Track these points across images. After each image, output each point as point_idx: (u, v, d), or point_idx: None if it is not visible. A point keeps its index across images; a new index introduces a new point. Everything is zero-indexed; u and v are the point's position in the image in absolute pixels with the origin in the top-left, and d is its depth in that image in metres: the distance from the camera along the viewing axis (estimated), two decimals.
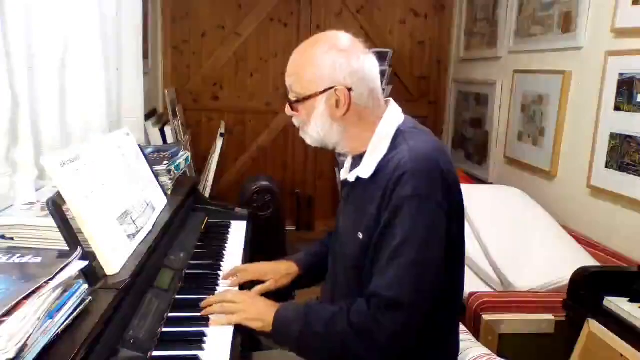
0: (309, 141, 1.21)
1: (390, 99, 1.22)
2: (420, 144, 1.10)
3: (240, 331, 1.16)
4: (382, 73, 1.80)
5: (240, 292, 1.29)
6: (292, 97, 1.18)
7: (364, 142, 1.16)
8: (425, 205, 1.04)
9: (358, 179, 1.17)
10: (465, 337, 1.30)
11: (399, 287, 1.03)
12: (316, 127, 1.16)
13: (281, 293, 1.44)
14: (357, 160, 1.20)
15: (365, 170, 1.14)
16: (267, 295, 1.37)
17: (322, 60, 1.12)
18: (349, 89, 1.12)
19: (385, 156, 1.13)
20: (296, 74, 1.16)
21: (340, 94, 1.12)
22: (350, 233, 1.17)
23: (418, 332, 1.07)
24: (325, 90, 1.13)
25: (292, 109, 1.18)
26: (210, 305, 1.20)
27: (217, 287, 1.35)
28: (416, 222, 1.04)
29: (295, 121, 1.22)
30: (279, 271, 1.41)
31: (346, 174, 1.25)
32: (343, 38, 1.16)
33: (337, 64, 1.12)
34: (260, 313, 1.17)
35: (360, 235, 1.13)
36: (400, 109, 1.21)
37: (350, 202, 1.22)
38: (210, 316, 1.17)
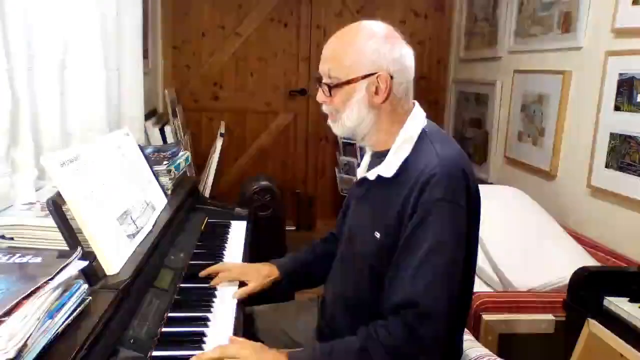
0: (338, 130, 1.19)
1: (415, 101, 1.21)
2: (446, 148, 1.10)
3: (241, 331, 1.16)
4: None
5: (241, 346, 1.06)
6: (329, 82, 1.14)
7: (390, 137, 1.15)
8: (453, 210, 1.03)
9: (378, 177, 1.15)
10: (465, 337, 1.29)
11: (434, 294, 1.00)
12: (352, 114, 1.14)
13: (280, 294, 1.43)
14: (378, 157, 1.19)
15: (388, 169, 1.13)
16: (259, 296, 1.36)
17: (366, 45, 1.11)
18: (391, 77, 1.11)
19: (408, 157, 1.12)
20: (336, 59, 1.13)
21: (382, 81, 1.10)
22: (365, 232, 1.15)
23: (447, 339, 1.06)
24: (367, 76, 1.11)
25: (330, 94, 1.15)
26: None
27: (216, 287, 1.35)
28: (447, 225, 1.02)
29: (326, 109, 1.19)
30: (260, 274, 1.37)
31: (364, 172, 1.23)
32: (385, 27, 1.15)
33: (381, 50, 1.10)
34: None
35: (378, 235, 1.11)
36: (424, 112, 1.20)
37: (367, 200, 1.20)
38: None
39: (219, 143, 3.19)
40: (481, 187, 1.16)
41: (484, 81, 3.24)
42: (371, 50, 1.11)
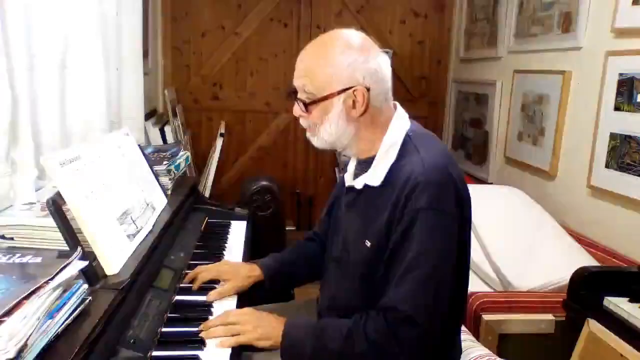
0: (317, 144, 1.17)
1: (397, 102, 1.20)
2: (431, 153, 1.09)
3: None
4: None
5: (241, 311, 1.20)
6: (305, 97, 1.13)
7: (373, 145, 1.14)
8: (439, 217, 1.03)
9: (366, 185, 1.15)
10: (465, 337, 1.30)
11: (414, 301, 1.02)
12: (330, 129, 1.12)
13: (279, 293, 1.43)
14: (363, 165, 1.18)
15: (375, 177, 1.12)
16: (263, 296, 1.36)
17: (340, 59, 1.08)
18: (367, 89, 1.09)
19: (394, 163, 1.11)
20: (310, 74, 1.11)
21: (359, 95, 1.09)
22: (355, 240, 1.15)
23: (434, 344, 1.06)
24: (343, 91, 1.09)
25: (307, 110, 1.13)
26: (211, 328, 1.12)
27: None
28: (431, 234, 1.03)
29: (304, 123, 1.17)
30: (238, 273, 1.35)
31: (351, 180, 1.22)
32: (357, 37, 1.12)
33: (355, 64, 1.08)
34: (267, 331, 1.11)
35: (368, 243, 1.11)
36: (406, 113, 1.19)
37: (356, 208, 1.19)
38: (211, 340, 1.09)
39: (219, 143, 3.20)
40: (481, 187, 1.16)
41: (484, 81, 3.24)
42: (346, 64, 1.08)
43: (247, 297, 1.35)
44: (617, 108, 1.98)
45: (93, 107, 1.81)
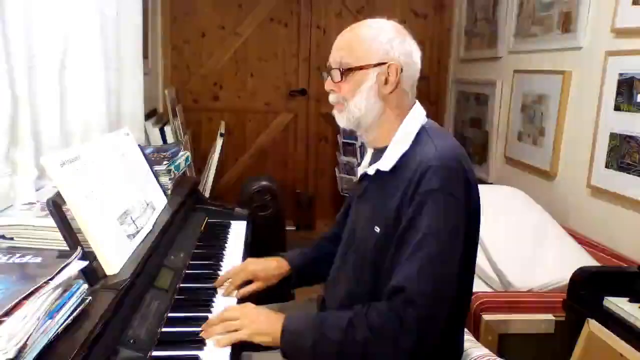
0: (344, 120, 1.19)
1: (416, 99, 1.23)
2: (445, 142, 1.12)
3: None
4: None
5: (240, 306, 1.19)
6: (341, 67, 1.16)
7: (390, 132, 1.17)
8: (449, 201, 1.04)
9: (378, 172, 1.17)
10: (465, 337, 1.29)
11: (417, 281, 1.01)
12: (360, 102, 1.15)
13: (279, 293, 1.42)
14: (378, 155, 1.20)
15: (387, 162, 1.14)
16: (264, 293, 1.36)
17: (379, 35, 1.15)
18: (401, 69, 1.14)
19: (407, 151, 1.13)
20: (349, 47, 1.16)
21: (392, 71, 1.13)
22: (365, 227, 1.16)
23: (440, 330, 1.04)
24: (378, 64, 1.13)
25: (342, 79, 1.16)
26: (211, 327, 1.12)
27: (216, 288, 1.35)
28: (440, 216, 1.03)
29: (333, 98, 1.20)
30: (268, 270, 1.38)
31: (365, 168, 1.25)
32: (397, 24, 1.20)
33: (394, 42, 1.14)
34: (266, 327, 1.10)
35: (377, 229, 1.12)
36: (424, 111, 1.21)
37: (368, 196, 1.21)
38: (211, 339, 1.09)
39: (219, 143, 3.19)
40: (481, 187, 1.16)
41: (484, 81, 3.24)
42: (384, 40, 1.14)
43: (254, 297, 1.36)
44: (617, 108, 1.98)
45: (93, 107, 1.81)
